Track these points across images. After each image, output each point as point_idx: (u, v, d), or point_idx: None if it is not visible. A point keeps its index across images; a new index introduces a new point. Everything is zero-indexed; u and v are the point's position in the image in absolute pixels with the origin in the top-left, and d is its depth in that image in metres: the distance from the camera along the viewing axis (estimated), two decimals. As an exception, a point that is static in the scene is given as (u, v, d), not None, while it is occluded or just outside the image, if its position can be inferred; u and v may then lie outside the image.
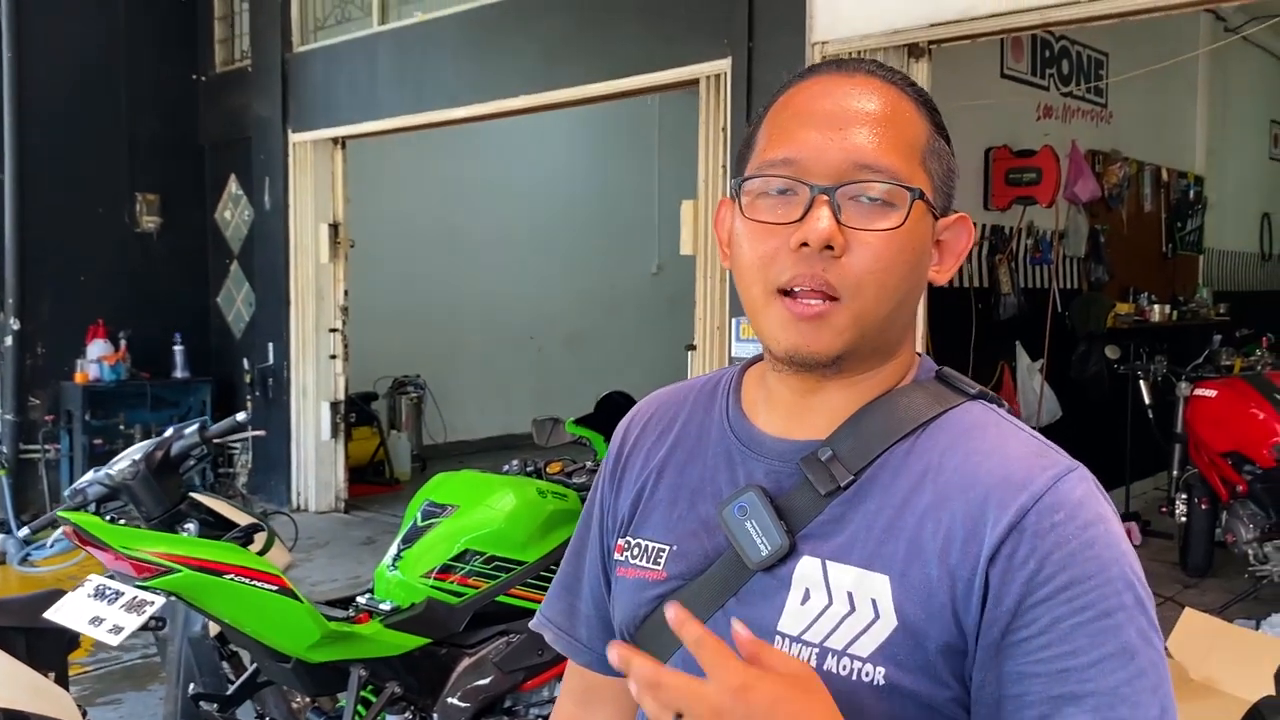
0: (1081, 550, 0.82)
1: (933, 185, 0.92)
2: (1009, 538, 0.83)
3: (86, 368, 7.08)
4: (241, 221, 7.71)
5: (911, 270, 0.90)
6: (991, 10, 4.00)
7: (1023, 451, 0.88)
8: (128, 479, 2.71)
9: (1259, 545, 4.88)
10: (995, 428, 0.92)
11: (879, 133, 0.89)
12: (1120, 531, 0.86)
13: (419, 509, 2.78)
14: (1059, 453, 0.89)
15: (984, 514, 0.85)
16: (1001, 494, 0.85)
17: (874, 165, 0.88)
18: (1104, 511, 0.86)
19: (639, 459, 1.07)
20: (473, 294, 9.18)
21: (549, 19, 5.64)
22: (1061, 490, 0.85)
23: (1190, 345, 6.64)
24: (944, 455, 0.89)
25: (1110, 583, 0.82)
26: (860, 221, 0.87)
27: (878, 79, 0.93)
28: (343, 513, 7.23)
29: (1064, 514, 0.84)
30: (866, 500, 0.90)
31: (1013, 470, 0.86)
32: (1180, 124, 8.25)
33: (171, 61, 7.75)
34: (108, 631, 2.36)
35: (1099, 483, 0.89)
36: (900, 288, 0.90)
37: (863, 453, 0.91)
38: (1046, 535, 0.83)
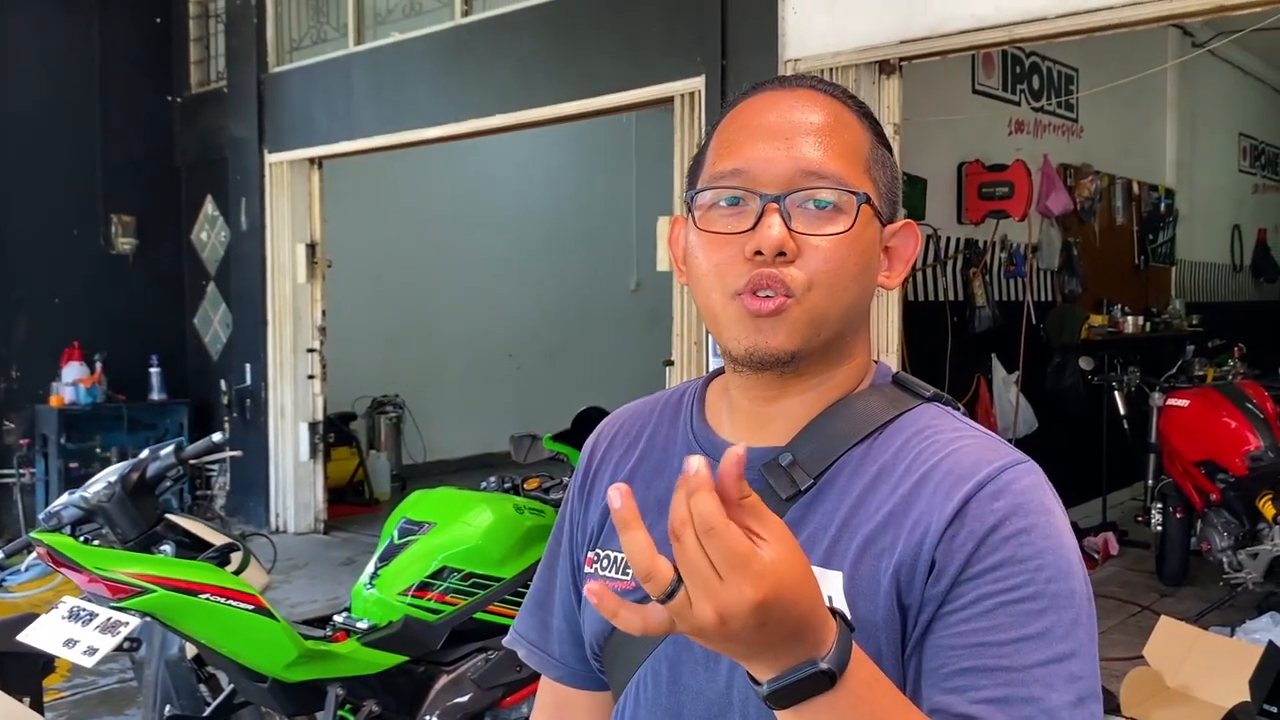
0: (1017, 535, 0.84)
1: (878, 192, 0.95)
2: (952, 523, 0.86)
3: (62, 391, 7.03)
4: (218, 242, 7.69)
5: (861, 272, 0.93)
6: (960, 27, 4.05)
7: (972, 447, 0.91)
8: (103, 501, 2.70)
9: (1233, 553, 4.92)
10: (948, 429, 0.94)
11: (824, 141, 0.92)
12: (1064, 527, 0.88)
13: (396, 526, 2.78)
14: (1009, 449, 0.92)
15: (931, 506, 0.87)
16: (949, 485, 0.87)
17: (820, 172, 0.91)
18: (1047, 504, 0.88)
19: (607, 472, 1.09)
20: (451, 312, 9.17)
21: (524, 39, 5.67)
22: (1004, 479, 0.87)
23: (1163, 356, 6.70)
24: (897, 455, 0.92)
25: (1042, 569, 0.83)
26: (810, 227, 0.90)
27: (820, 92, 0.96)
28: (322, 534, 7.19)
29: (1005, 501, 0.86)
30: (824, 502, 0.92)
31: (961, 462, 0.89)
32: (1150, 138, 8.35)
33: (146, 83, 7.74)
34: (82, 653, 2.35)
35: (1049, 482, 0.91)
36: (850, 289, 0.92)
37: (822, 456, 0.93)
38: (985, 518, 0.85)
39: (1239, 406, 5.09)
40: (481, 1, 6.03)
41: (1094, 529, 6.28)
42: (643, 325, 9.56)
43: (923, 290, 5.72)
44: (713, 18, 4.76)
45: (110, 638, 2.36)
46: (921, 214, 5.58)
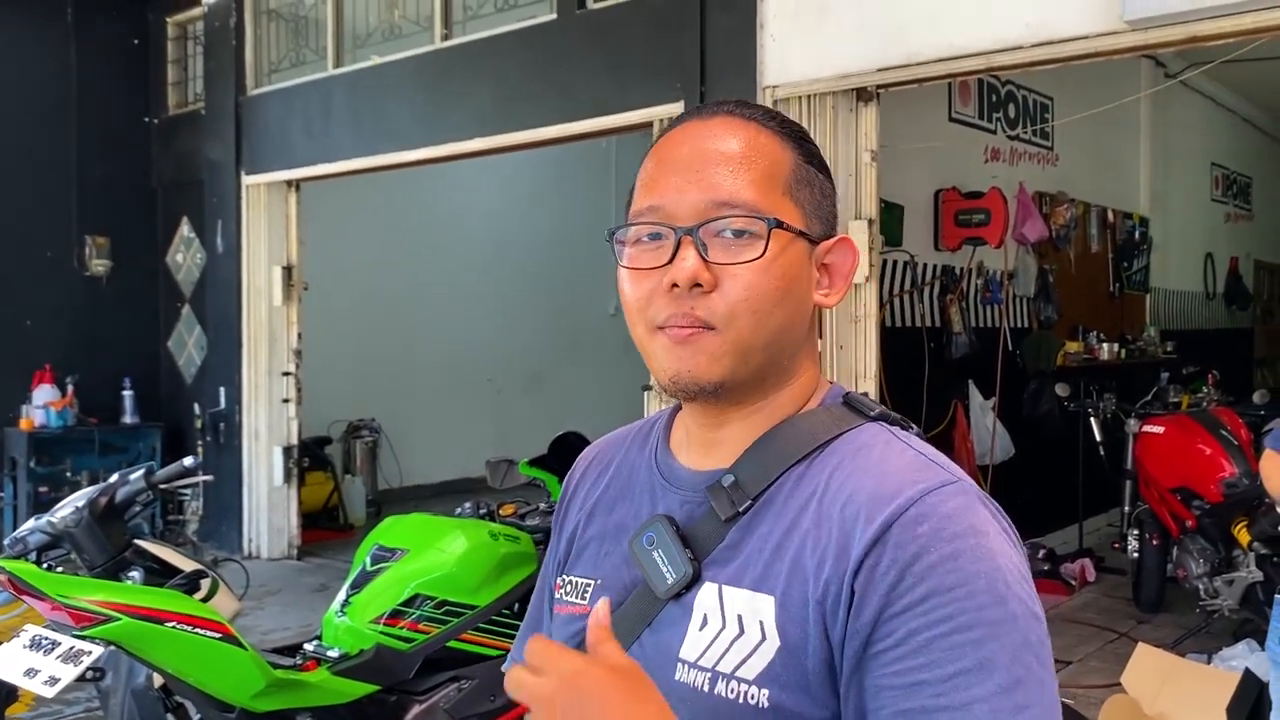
0: (943, 561, 0.81)
1: (802, 213, 0.94)
2: (873, 549, 0.83)
3: (32, 413, 6.95)
4: (193, 264, 7.64)
5: (784, 296, 0.92)
6: (937, 55, 4.09)
7: (901, 468, 0.89)
8: (70, 526, 2.65)
9: (1209, 580, 4.93)
10: (884, 446, 0.92)
11: (734, 170, 0.92)
12: (1000, 546, 0.84)
13: (368, 553, 2.74)
14: (944, 468, 0.89)
15: (854, 528, 0.85)
16: (871, 507, 0.85)
17: (730, 201, 0.91)
18: (978, 524, 0.84)
19: (579, 500, 1.12)
20: (428, 336, 9.13)
21: (503, 63, 5.68)
22: (929, 502, 0.84)
23: (1138, 383, 6.75)
24: (831, 475, 0.91)
25: (974, 596, 0.80)
26: (726, 256, 0.91)
27: (736, 118, 0.96)
28: (295, 559, 7.11)
29: (928, 525, 0.83)
30: (761, 524, 0.92)
31: (885, 485, 0.86)
32: (1125, 167, 8.44)
33: (123, 104, 7.70)
34: (43, 683, 2.29)
35: (992, 501, 0.88)
36: (775, 314, 0.92)
37: (761, 478, 0.93)
38: (908, 545, 0.82)
39: (1214, 433, 5.12)
40: (461, 26, 6.04)
41: (1071, 555, 6.29)
42: (621, 350, 9.51)
43: (900, 317, 5.73)
44: (692, 44, 4.79)
45: (72, 667, 2.31)
46: (898, 240, 5.61)
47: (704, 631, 0.91)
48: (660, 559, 0.94)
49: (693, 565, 0.92)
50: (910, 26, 4.14)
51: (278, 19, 7.19)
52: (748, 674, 0.87)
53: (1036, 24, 3.84)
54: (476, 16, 5.96)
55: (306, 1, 6.96)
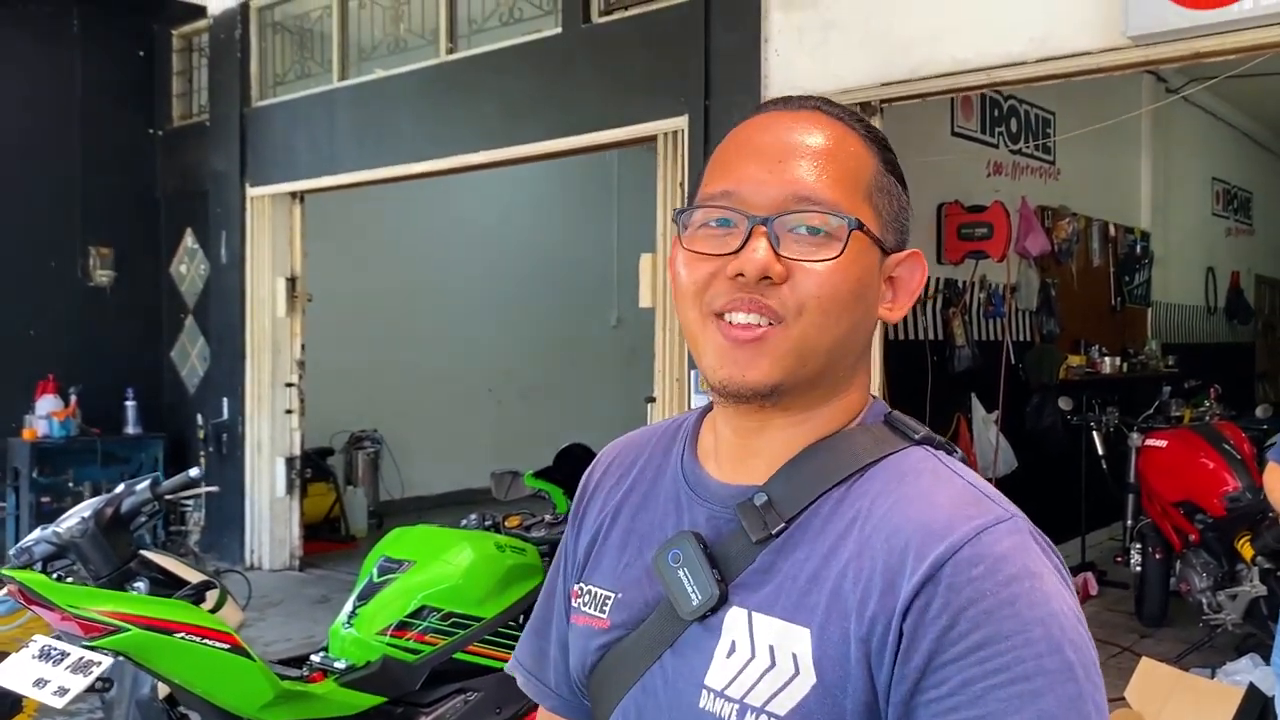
0: (1000, 608, 0.76)
1: (880, 220, 0.90)
2: (923, 589, 0.78)
3: (35, 424, 6.95)
4: (197, 275, 7.65)
5: (855, 301, 0.88)
6: (940, 70, 4.11)
7: (951, 499, 0.83)
8: (76, 537, 2.65)
9: (1212, 594, 4.92)
10: (931, 474, 0.86)
11: (819, 165, 0.88)
12: (1055, 590, 0.79)
13: (375, 565, 2.75)
14: (995, 501, 0.83)
15: (903, 564, 0.80)
16: (920, 543, 0.80)
17: (812, 197, 0.86)
18: (1034, 566, 0.79)
19: (598, 502, 1.06)
20: (431, 348, 9.14)
21: (509, 77, 5.70)
22: (984, 542, 0.79)
23: (1140, 396, 6.75)
24: (874, 502, 0.85)
25: (1031, 644, 0.75)
26: (799, 253, 0.86)
27: (823, 114, 0.92)
28: (297, 570, 7.11)
29: (983, 567, 0.77)
30: (796, 549, 0.86)
31: (936, 519, 0.81)
32: (1126, 181, 8.47)
33: (128, 115, 7.73)
34: (52, 694, 2.30)
35: (1043, 536, 0.83)
36: (844, 318, 0.87)
37: (797, 498, 0.88)
38: (962, 590, 0.77)
39: (1216, 447, 5.12)
40: (466, 40, 6.07)
41: (1073, 569, 6.28)
42: (624, 361, 9.56)
43: (903, 329, 5.74)
44: (696, 58, 4.81)
45: (82, 678, 2.31)
46: (902, 254, 5.61)
47: (731, 659, 0.86)
48: (686, 578, 0.89)
49: (720, 587, 0.87)
50: (913, 42, 4.16)
51: (283, 32, 7.22)
52: (779, 709, 0.82)
53: (1039, 39, 3.86)
54: (481, 30, 5.99)
55: (312, 14, 6.99)
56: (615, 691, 0.94)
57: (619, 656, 0.94)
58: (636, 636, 0.93)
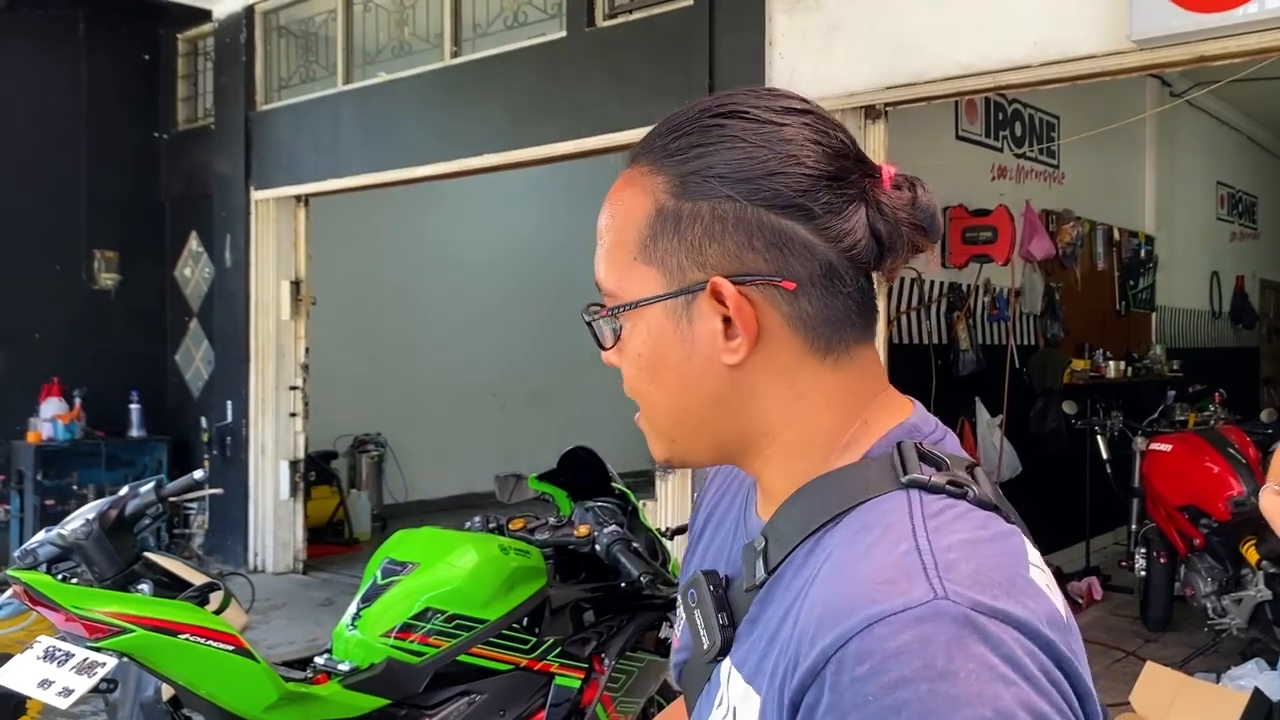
0: (881, 717, 0.63)
1: (660, 269, 0.81)
2: (811, 684, 0.68)
3: (39, 426, 6.96)
4: (202, 279, 7.67)
5: (653, 374, 0.83)
6: (945, 74, 4.11)
7: (872, 572, 0.70)
8: (80, 539, 2.66)
9: (1217, 599, 4.92)
10: (881, 532, 0.73)
11: (600, 245, 0.86)
12: (970, 693, 0.63)
13: (379, 567, 2.74)
14: (929, 577, 0.68)
15: (802, 645, 0.70)
16: (820, 625, 0.69)
17: (598, 284, 0.87)
18: (941, 664, 0.64)
19: (706, 501, 1.05)
20: (435, 351, 9.15)
21: (513, 80, 5.71)
22: (875, 635, 0.65)
23: (1145, 401, 6.75)
24: (829, 560, 0.74)
25: None
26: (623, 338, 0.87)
27: (629, 167, 0.85)
28: (301, 574, 7.11)
29: (868, 666, 0.65)
30: (771, 603, 0.79)
31: (845, 596, 0.69)
32: (1130, 185, 8.46)
33: (133, 119, 7.75)
34: (57, 694, 2.30)
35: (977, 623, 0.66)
36: (654, 393, 0.84)
37: (781, 546, 0.80)
38: (844, 692, 0.65)
39: (1221, 451, 5.11)
40: (471, 43, 6.08)
41: (1077, 574, 6.28)
42: (627, 366, 9.55)
43: (907, 334, 5.74)
44: (701, 61, 4.81)
45: (87, 679, 2.31)
46: (906, 257, 5.61)
47: (719, 711, 0.82)
48: (699, 620, 0.85)
49: (725, 634, 0.82)
50: (918, 45, 4.16)
51: (288, 35, 7.24)
52: None
53: (1044, 43, 3.86)
54: (486, 34, 6.00)
55: (317, 18, 7.01)
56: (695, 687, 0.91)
57: (687, 677, 0.93)
58: (692, 664, 0.91)
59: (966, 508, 0.75)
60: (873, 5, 4.30)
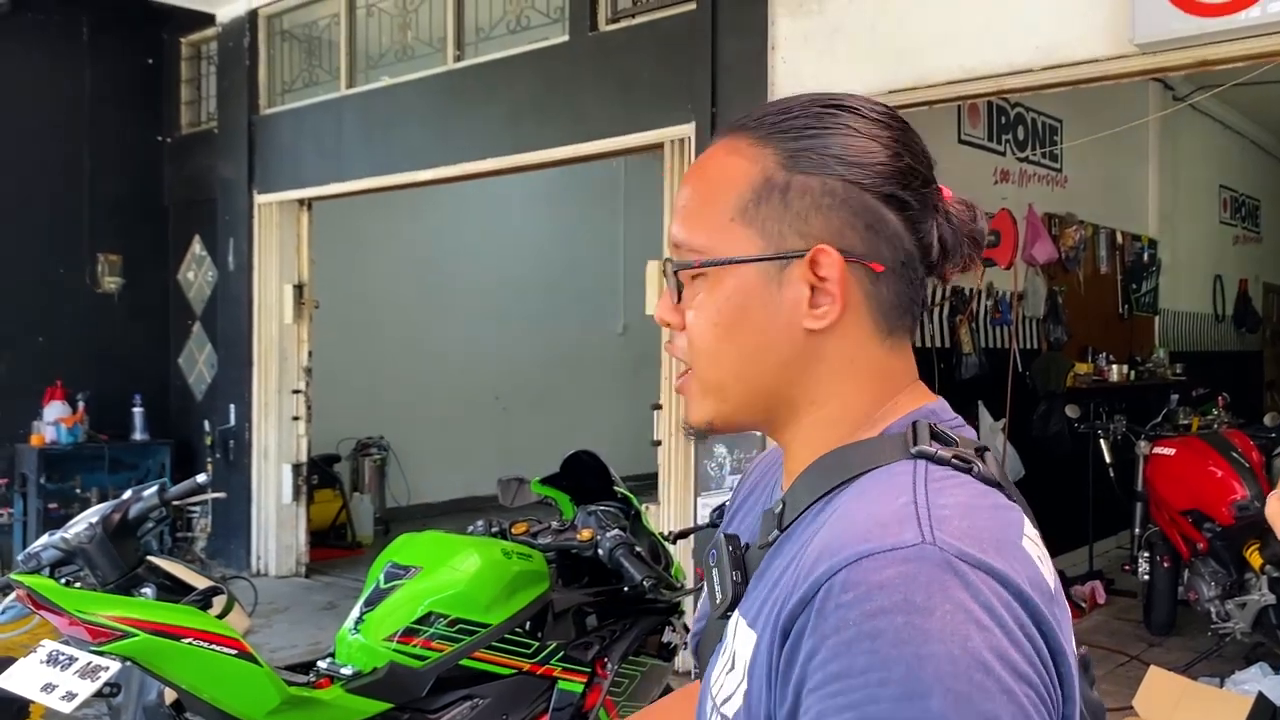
0: (858, 641, 0.69)
1: (759, 232, 0.86)
2: (802, 612, 0.74)
3: (43, 430, 6.97)
4: (205, 282, 7.68)
5: (729, 331, 0.88)
6: (948, 78, 4.11)
7: (869, 516, 0.76)
8: (84, 542, 2.66)
9: (1221, 603, 4.91)
10: (884, 486, 0.80)
11: (685, 203, 0.91)
12: (943, 629, 0.68)
13: (382, 570, 2.74)
14: (921, 525, 0.74)
15: (798, 578, 0.77)
16: (815, 560, 0.76)
17: (677, 241, 0.91)
18: (919, 600, 0.69)
19: (738, 500, 1.11)
20: (437, 355, 9.15)
21: (516, 84, 5.72)
22: (863, 568, 0.71)
23: (1148, 404, 6.73)
24: (834, 514, 0.82)
25: (886, 685, 0.68)
26: (687, 296, 0.91)
27: (725, 138, 0.92)
28: (303, 577, 7.11)
29: (853, 595, 0.71)
30: (778, 557, 0.87)
31: (841, 536, 0.76)
32: (1133, 189, 8.46)
33: (136, 123, 7.76)
34: (60, 699, 2.30)
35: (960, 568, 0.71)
36: (726, 351, 0.88)
37: (795, 507, 0.88)
38: (829, 616, 0.71)
39: (1225, 455, 5.11)
40: (473, 47, 6.08)
41: (1081, 577, 6.27)
42: (630, 369, 9.57)
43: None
44: (703, 65, 4.82)
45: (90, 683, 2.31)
46: (909, 261, 5.61)
47: (721, 660, 0.89)
48: (716, 578, 0.92)
49: (735, 589, 0.89)
50: (921, 49, 4.17)
51: (291, 39, 7.25)
52: (728, 710, 0.84)
53: (1046, 47, 3.86)
54: (488, 38, 6.01)
55: (320, 23, 7.03)
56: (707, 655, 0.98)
57: (704, 647, 0.99)
58: (706, 629, 0.98)
59: (969, 479, 0.82)
60: (875, 9, 4.31)
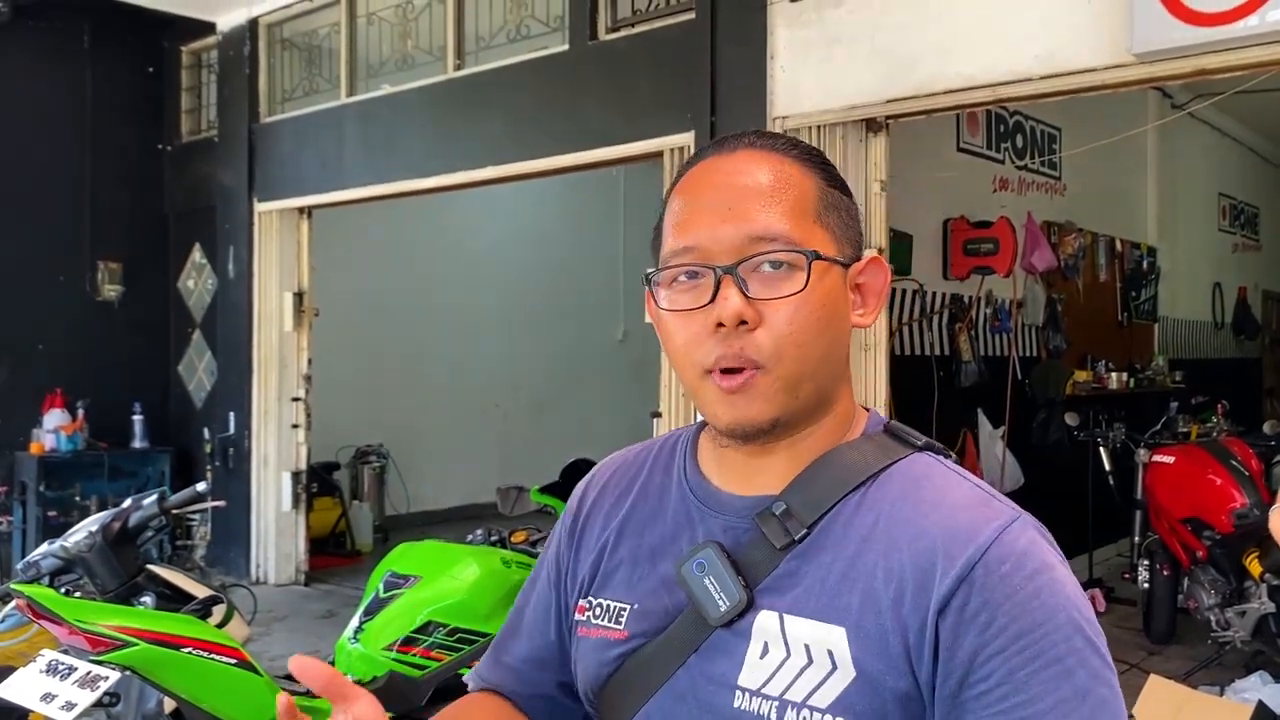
0: (1029, 600, 0.85)
1: (833, 237, 0.95)
2: (959, 590, 0.86)
3: (43, 438, 6.96)
4: (205, 290, 7.68)
5: (826, 325, 0.93)
6: (947, 86, 4.12)
7: (967, 501, 0.91)
8: (83, 551, 2.66)
9: (1220, 611, 4.90)
10: (941, 478, 0.95)
11: (765, 203, 0.93)
12: (1065, 576, 0.89)
13: (381, 580, 2.75)
14: (1002, 501, 0.92)
15: (933, 565, 0.87)
16: (949, 545, 0.88)
17: (766, 235, 0.91)
18: (1048, 558, 0.89)
19: (598, 521, 1.09)
20: (437, 362, 9.16)
21: (515, 93, 5.73)
22: (1006, 541, 0.87)
23: (1147, 412, 6.74)
24: (894, 506, 0.92)
25: (1059, 629, 0.85)
26: (767, 291, 0.91)
27: (757, 150, 0.96)
28: (303, 585, 7.10)
29: (1010, 565, 0.86)
30: (820, 553, 0.92)
31: (959, 521, 0.89)
32: (1132, 196, 8.47)
33: (137, 130, 7.77)
34: (59, 708, 2.30)
35: (1042, 526, 0.92)
36: (818, 344, 0.93)
37: (815, 506, 0.93)
38: (996, 587, 0.85)
39: (1224, 463, 5.10)
40: (474, 56, 6.09)
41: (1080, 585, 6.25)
42: (629, 376, 9.57)
43: (909, 345, 5.75)
44: (703, 75, 4.83)
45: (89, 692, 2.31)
46: (908, 269, 5.63)
47: (766, 659, 0.91)
48: (712, 586, 0.94)
49: (746, 592, 0.92)
50: (920, 58, 4.17)
51: (291, 48, 7.26)
52: (819, 703, 0.88)
53: (1045, 56, 3.87)
54: (489, 47, 6.02)
55: (320, 31, 7.04)
56: (637, 698, 0.98)
57: (641, 663, 0.98)
58: (660, 643, 0.97)
59: (957, 461, 0.99)
60: (874, 18, 4.31)
